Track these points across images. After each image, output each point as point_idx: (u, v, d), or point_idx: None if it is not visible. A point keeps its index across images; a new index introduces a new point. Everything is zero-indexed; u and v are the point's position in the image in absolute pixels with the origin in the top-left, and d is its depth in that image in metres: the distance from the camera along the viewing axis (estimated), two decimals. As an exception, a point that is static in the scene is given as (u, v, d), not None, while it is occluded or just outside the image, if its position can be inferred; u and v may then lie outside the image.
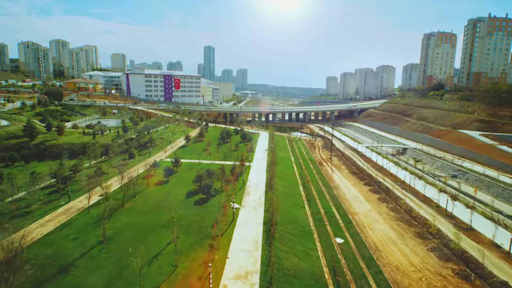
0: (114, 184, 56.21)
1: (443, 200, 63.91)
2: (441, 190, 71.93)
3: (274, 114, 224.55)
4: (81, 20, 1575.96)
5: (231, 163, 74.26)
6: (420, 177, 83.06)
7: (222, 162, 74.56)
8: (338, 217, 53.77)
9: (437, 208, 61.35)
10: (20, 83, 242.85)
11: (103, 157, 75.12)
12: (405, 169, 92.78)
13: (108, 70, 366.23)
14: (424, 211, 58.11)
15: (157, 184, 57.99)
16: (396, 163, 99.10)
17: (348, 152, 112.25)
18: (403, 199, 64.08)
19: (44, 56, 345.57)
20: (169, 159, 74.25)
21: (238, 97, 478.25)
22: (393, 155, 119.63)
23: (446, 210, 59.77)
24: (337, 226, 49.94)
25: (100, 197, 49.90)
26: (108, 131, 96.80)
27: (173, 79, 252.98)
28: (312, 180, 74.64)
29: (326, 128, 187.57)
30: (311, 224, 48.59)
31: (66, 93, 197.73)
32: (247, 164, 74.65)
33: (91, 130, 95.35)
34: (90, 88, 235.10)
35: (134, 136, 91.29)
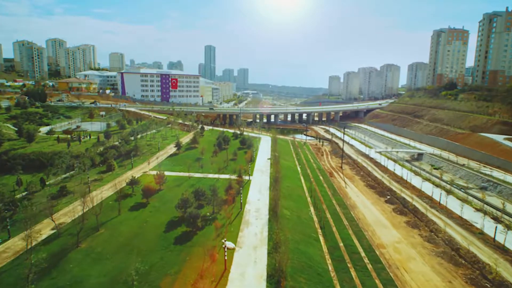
0: (77, 209, 44.23)
1: (487, 225, 51.78)
2: (479, 210, 59.77)
3: (276, 115, 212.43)
4: (82, 20, 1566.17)
5: (227, 177, 62.32)
6: (448, 191, 70.95)
7: (216, 176, 62.65)
8: (362, 253, 41.72)
9: (482, 235, 49.24)
10: (9, 83, 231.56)
11: (76, 169, 63.18)
12: (428, 180, 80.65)
13: (107, 70, 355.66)
14: (471, 244, 45.81)
15: (132, 209, 45.99)
16: (417, 173, 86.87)
17: (360, 159, 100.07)
18: (438, 225, 51.98)
19: (38, 55, 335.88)
20: (154, 172, 62.41)
21: (239, 97, 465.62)
22: (407, 161, 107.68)
23: (494, 239, 47.68)
24: (363, 268, 37.91)
25: (53, 231, 38.03)
26: (88, 137, 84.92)
27: (170, 79, 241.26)
28: (324, 197, 62.57)
29: (332, 130, 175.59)
30: (329, 268, 36.56)
31: (55, 93, 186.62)
32: (246, 178, 62.67)
33: (69, 136, 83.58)
34: (83, 88, 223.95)
35: (117, 142, 79.38)
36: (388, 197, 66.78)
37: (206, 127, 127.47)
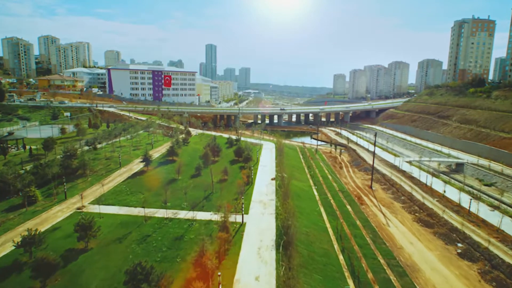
0: None
1: None
2: None
3: (279, 116, 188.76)
4: (85, 20, 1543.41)
5: (207, 216, 38.85)
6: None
7: (191, 215, 39.20)
8: None
9: None
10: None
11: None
12: (496, 208, 56.83)
13: (101, 68, 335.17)
14: None
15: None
16: (476, 196, 62.86)
17: (392, 175, 76.01)
18: None
19: (25, 51, 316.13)
20: (96, 207, 39.19)
21: (240, 96, 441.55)
22: (443, 172, 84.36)
23: None
24: None
25: None
26: (21, 149, 61.83)
27: (163, 76, 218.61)
28: (363, 248, 38.82)
29: (344, 132, 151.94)
30: None
31: (28, 91, 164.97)
32: (238, 219, 39.11)
33: (-3, 146, 60.56)
34: (65, 86, 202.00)
35: (59, 156, 55.94)
36: (460, 244, 42.96)
37: (196, 131, 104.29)
